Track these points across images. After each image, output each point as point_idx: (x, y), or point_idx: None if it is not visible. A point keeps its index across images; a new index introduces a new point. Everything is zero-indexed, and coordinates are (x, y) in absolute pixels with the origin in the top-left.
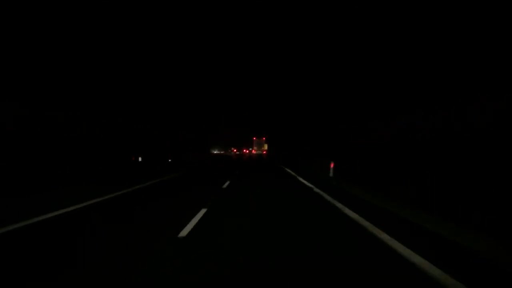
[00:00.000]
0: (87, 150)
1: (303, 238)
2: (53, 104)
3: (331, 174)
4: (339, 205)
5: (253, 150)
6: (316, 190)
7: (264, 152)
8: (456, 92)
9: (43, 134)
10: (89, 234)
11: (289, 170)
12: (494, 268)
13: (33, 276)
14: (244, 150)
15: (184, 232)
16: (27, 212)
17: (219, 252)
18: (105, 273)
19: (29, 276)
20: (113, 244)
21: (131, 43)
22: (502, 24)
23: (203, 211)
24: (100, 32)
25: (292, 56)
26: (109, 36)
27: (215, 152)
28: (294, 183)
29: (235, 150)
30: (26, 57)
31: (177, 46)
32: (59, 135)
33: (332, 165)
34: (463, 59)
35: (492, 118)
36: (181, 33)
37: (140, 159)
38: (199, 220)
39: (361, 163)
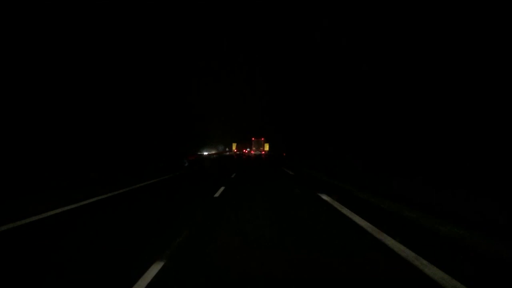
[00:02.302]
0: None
1: None
2: (53, 104)
3: None
4: None
5: (252, 151)
6: None
7: (263, 152)
8: (456, 92)
9: (43, 134)
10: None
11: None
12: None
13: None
14: (244, 150)
15: None
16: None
17: None
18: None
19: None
20: None
21: (131, 43)
22: (502, 24)
23: None
24: (100, 32)
25: (292, 56)
26: (109, 36)
27: (205, 153)
28: None
29: (235, 150)
30: (26, 57)
31: (177, 46)
32: (59, 135)
33: None
34: (463, 58)
35: (492, 118)
36: (181, 34)
37: None
38: None
39: None
